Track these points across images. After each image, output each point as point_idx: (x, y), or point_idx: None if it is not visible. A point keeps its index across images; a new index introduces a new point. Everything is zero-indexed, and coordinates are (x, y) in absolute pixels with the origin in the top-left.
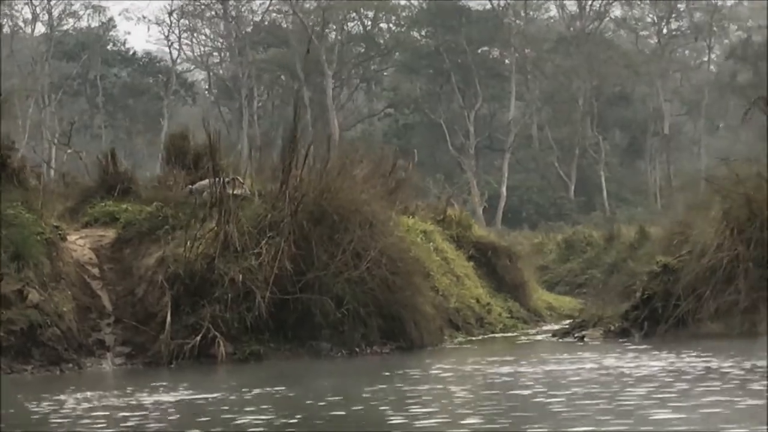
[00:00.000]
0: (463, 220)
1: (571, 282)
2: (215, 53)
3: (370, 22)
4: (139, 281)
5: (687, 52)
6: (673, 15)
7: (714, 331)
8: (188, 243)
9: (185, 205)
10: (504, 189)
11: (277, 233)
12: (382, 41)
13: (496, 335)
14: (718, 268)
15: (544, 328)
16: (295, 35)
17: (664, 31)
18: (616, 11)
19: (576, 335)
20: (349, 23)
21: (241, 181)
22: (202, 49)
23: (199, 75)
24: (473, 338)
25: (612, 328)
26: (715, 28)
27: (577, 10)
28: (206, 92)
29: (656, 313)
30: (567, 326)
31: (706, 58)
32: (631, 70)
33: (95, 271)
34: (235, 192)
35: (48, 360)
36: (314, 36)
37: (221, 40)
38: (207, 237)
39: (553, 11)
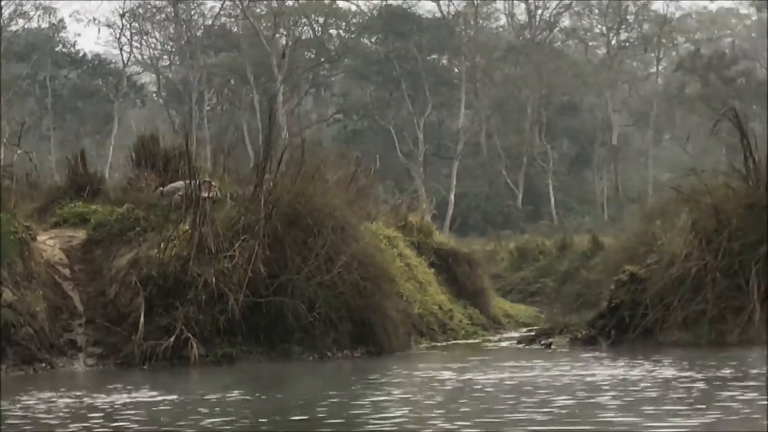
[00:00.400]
0: (424, 226)
1: (523, 290)
2: (165, 57)
3: (320, 28)
4: (110, 282)
5: (635, 63)
6: (623, 26)
7: (682, 340)
8: (162, 244)
9: (156, 207)
10: (452, 196)
11: (251, 236)
12: (332, 47)
13: (460, 342)
14: (686, 278)
15: (505, 335)
16: (246, 39)
17: (613, 42)
18: (566, 21)
19: (542, 342)
20: (299, 29)
21: (214, 184)
22: (152, 52)
23: (148, 78)
24: (437, 344)
25: (579, 336)
26: (663, 40)
27: (527, 20)
28: (155, 95)
29: (623, 321)
30: (531, 333)
31: (654, 70)
32: (580, 81)
33: (66, 271)
34: (205, 195)
35: (21, 359)
36: (265, 40)
37: (171, 44)
38: (181, 239)
39: (503, 20)
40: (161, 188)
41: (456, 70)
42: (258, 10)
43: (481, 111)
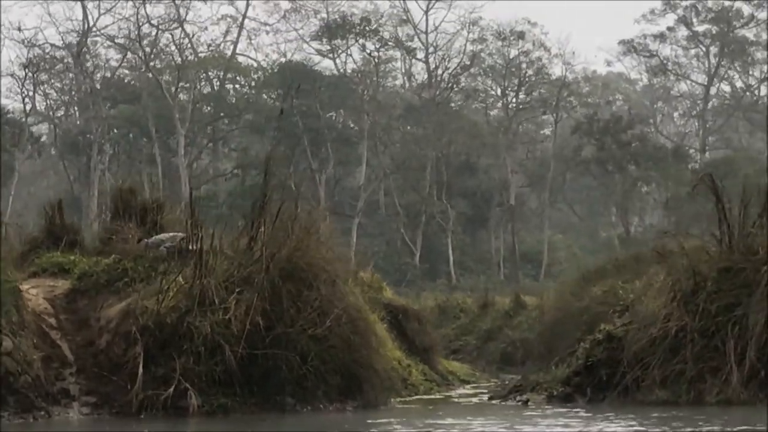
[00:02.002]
0: (374, 282)
1: (446, 347)
2: (62, 107)
3: (218, 83)
4: (99, 332)
5: (531, 125)
6: (522, 88)
7: (661, 399)
8: (159, 296)
9: (143, 258)
10: (352, 254)
11: (248, 288)
12: (232, 101)
13: (423, 397)
14: (665, 338)
15: (459, 391)
16: (147, 92)
17: (512, 103)
18: (465, 82)
19: (518, 399)
20: (200, 83)
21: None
22: (49, 102)
23: (43, 128)
24: (406, 399)
25: (555, 393)
26: (562, 103)
27: (426, 79)
28: (52, 147)
29: (600, 379)
30: (500, 390)
31: (550, 131)
32: (479, 141)
33: (52, 321)
34: (192, 247)
35: (21, 407)
36: (168, 94)
37: (73, 93)
38: (180, 290)
39: (400, 79)
40: (146, 240)
41: (356, 127)
42: (158, 64)
43: (380, 169)
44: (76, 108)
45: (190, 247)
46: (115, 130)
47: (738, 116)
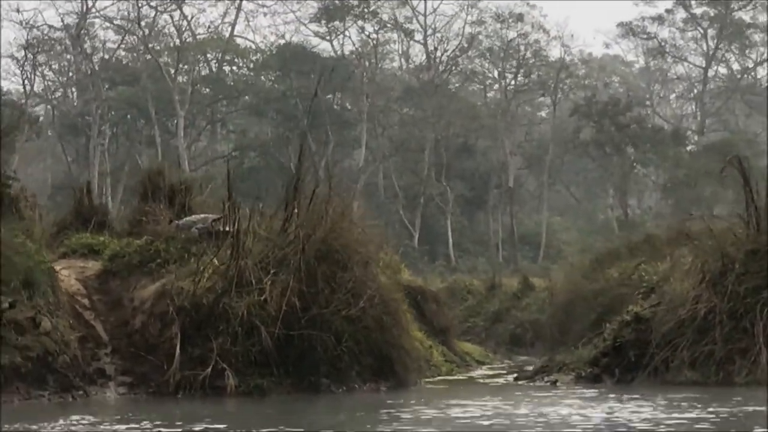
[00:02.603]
0: (393, 263)
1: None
2: (60, 89)
3: (217, 64)
4: (133, 313)
5: (529, 108)
6: (521, 70)
7: (690, 380)
8: (194, 277)
9: (175, 239)
10: None
11: (283, 269)
12: (231, 83)
13: (448, 378)
14: (694, 319)
15: (479, 372)
16: (147, 74)
17: (511, 85)
18: (464, 64)
19: (547, 380)
20: (198, 65)
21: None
22: (47, 83)
23: (40, 110)
24: (430, 379)
25: (583, 374)
26: (561, 85)
27: (425, 61)
28: (49, 128)
29: (628, 360)
30: (527, 371)
31: (547, 114)
32: (477, 123)
33: (85, 301)
34: (225, 229)
35: (61, 387)
36: (167, 76)
37: (71, 75)
38: (216, 271)
39: (397, 61)
40: (177, 221)
41: (351, 109)
42: (157, 47)
43: (378, 151)
44: (74, 89)
45: (225, 229)
46: (113, 112)
47: (736, 98)
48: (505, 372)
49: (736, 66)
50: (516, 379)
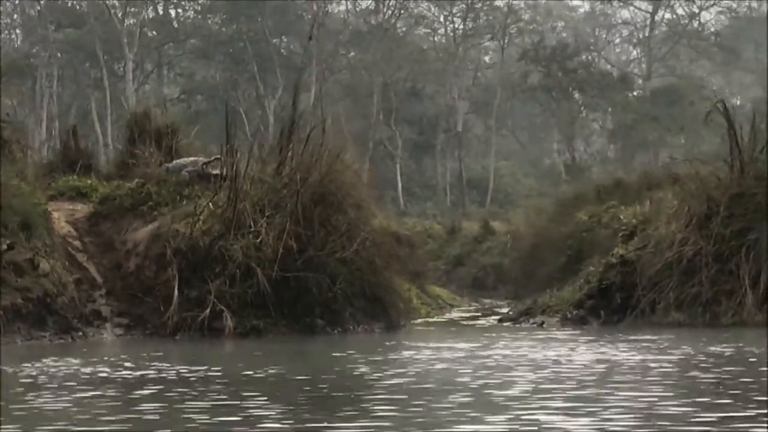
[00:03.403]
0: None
1: None
2: (5, 30)
3: (162, 7)
4: (126, 255)
5: (476, 52)
6: (470, 15)
7: (677, 321)
8: (190, 220)
9: (166, 182)
10: None
11: (278, 213)
12: (178, 26)
13: (429, 320)
14: (680, 262)
15: (455, 314)
16: (94, 16)
17: (460, 29)
18: (413, 7)
19: (533, 322)
20: (146, 8)
21: (221, 159)
22: None
23: None
24: (413, 322)
25: (569, 315)
26: (509, 30)
27: (374, 5)
28: None
29: (613, 302)
30: (506, 313)
31: (490, 58)
32: (425, 67)
33: (77, 243)
34: (215, 172)
35: (60, 328)
36: (115, 18)
37: (15, 17)
38: (212, 214)
39: (344, 5)
40: (166, 164)
41: (301, 53)
42: None
43: (327, 95)
44: (18, 31)
45: (216, 172)
46: (60, 55)
47: (682, 44)
48: (479, 314)
49: (680, 11)
50: (500, 320)
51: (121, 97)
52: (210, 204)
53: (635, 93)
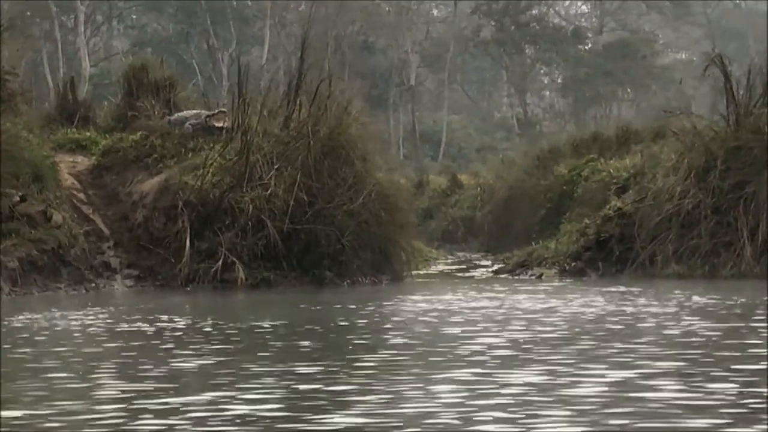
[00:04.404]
0: None
1: None
2: None
3: None
4: (133, 207)
5: (428, 5)
6: None
7: (676, 273)
8: (201, 171)
9: (170, 135)
10: None
11: (288, 165)
12: None
13: (421, 272)
14: (679, 214)
15: (440, 266)
16: None
17: None
18: None
19: (531, 274)
20: None
21: (225, 112)
22: None
23: None
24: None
25: (567, 268)
26: None
27: None
28: None
29: (611, 254)
30: (505, 265)
31: (447, 12)
32: (378, 20)
33: (81, 195)
34: (219, 125)
35: (74, 279)
36: None
37: None
38: (222, 166)
39: None
40: (169, 117)
41: (253, 5)
42: None
43: (280, 48)
44: None
45: (220, 125)
46: (7, 6)
47: None
48: (464, 267)
49: None
50: (495, 272)
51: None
52: (218, 158)
53: (587, 47)
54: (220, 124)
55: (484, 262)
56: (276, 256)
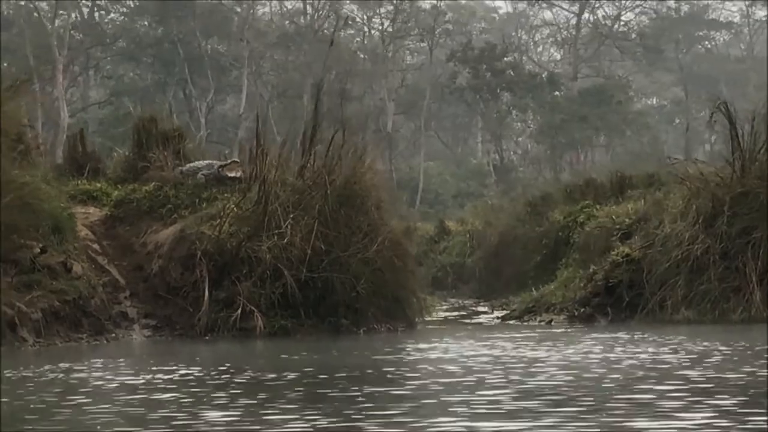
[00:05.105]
0: None
1: None
2: None
3: (88, 10)
4: (148, 257)
5: (405, 53)
6: (398, 16)
7: (686, 318)
8: (217, 221)
9: (183, 185)
10: None
11: (303, 214)
12: (107, 29)
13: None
14: (688, 260)
15: (442, 313)
16: (24, 19)
17: (388, 31)
18: (340, 8)
19: (540, 320)
20: (74, 11)
21: (239, 162)
22: None
23: None
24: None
25: (576, 314)
26: (438, 31)
27: (302, 7)
28: None
29: (620, 300)
30: (512, 312)
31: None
32: (356, 68)
33: (96, 246)
34: (231, 175)
35: (95, 330)
36: (46, 21)
37: None
38: (240, 216)
39: (268, 7)
40: (181, 168)
41: (228, 56)
42: None
43: (257, 97)
44: None
45: (233, 175)
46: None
47: (608, 44)
48: (464, 313)
49: (601, 13)
50: (503, 318)
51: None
52: (233, 206)
53: (562, 93)
54: (232, 174)
55: (481, 309)
56: (293, 304)
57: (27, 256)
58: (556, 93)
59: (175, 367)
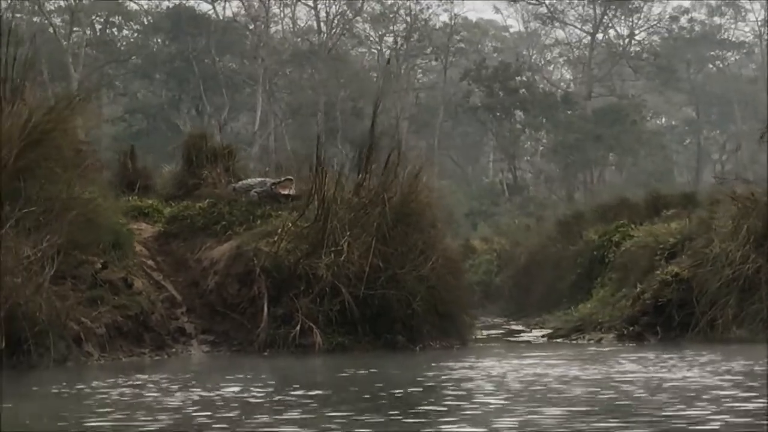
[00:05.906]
0: None
1: None
2: None
3: (101, 27)
4: (203, 273)
5: (417, 72)
6: (414, 35)
7: (738, 337)
8: (275, 238)
9: (237, 202)
10: None
11: (363, 231)
12: (121, 46)
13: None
14: (739, 279)
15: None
16: (39, 35)
17: (403, 49)
18: (352, 26)
19: (590, 339)
20: (89, 28)
21: (292, 180)
22: None
23: None
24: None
25: (625, 332)
26: (451, 50)
27: (315, 25)
28: None
29: (670, 319)
30: (560, 329)
31: (436, 78)
32: (369, 87)
33: (150, 262)
34: (285, 192)
35: (156, 345)
36: (61, 38)
37: None
38: (298, 233)
39: (280, 24)
40: (233, 185)
41: (241, 74)
42: (49, 6)
43: (271, 114)
44: None
45: (286, 193)
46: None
47: (623, 64)
48: (502, 331)
49: (612, 32)
50: (549, 337)
51: None
52: (289, 223)
53: (576, 112)
54: (285, 192)
55: (515, 327)
56: (350, 320)
57: (89, 272)
58: (569, 112)
59: (261, 385)
